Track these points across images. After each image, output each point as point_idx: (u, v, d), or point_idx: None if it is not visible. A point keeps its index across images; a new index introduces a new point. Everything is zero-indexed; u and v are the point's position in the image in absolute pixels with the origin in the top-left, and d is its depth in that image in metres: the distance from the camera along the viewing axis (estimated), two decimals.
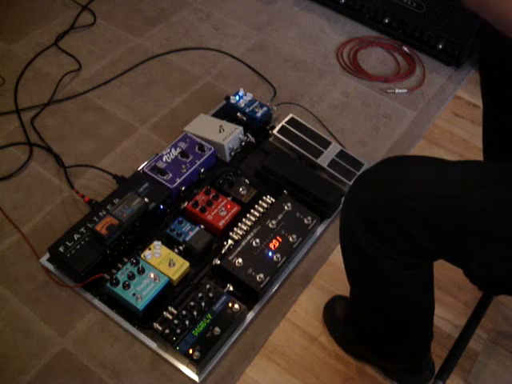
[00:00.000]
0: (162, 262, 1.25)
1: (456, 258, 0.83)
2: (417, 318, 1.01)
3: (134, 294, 1.18)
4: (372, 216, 0.84)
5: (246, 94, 1.62)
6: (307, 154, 1.51)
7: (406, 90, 1.84)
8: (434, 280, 0.97)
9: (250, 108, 1.59)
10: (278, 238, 1.31)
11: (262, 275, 1.24)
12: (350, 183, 1.43)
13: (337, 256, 1.40)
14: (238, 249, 1.28)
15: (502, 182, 0.78)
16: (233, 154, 1.52)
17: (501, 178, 0.79)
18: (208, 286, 1.21)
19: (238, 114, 1.58)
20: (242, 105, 1.59)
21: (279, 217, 1.35)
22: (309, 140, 1.54)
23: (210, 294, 1.20)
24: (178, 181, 1.39)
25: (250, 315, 1.25)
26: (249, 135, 1.55)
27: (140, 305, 1.17)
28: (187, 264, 1.26)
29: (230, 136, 1.49)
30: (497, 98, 1.12)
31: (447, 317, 1.31)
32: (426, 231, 0.79)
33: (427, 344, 1.09)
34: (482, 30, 1.08)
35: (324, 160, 1.51)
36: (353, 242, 0.89)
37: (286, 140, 1.53)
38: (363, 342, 1.16)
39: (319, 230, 1.41)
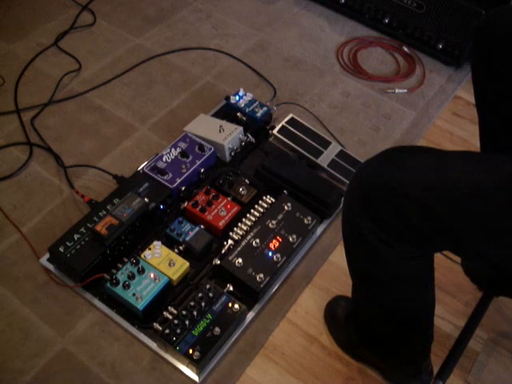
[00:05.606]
0: (162, 262, 1.25)
1: (455, 247, 0.84)
2: (417, 316, 1.01)
3: (134, 294, 1.18)
4: (372, 203, 0.84)
5: (245, 94, 1.62)
6: (307, 154, 1.51)
7: (405, 90, 1.84)
8: (434, 280, 0.97)
9: (250, 108, 1.59)
10: (278, 238, 1.31)
11: (262, 275, 1.24)
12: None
13: (337, 256, 1.40)
14: (238, 249, 1.28)
15: (500, 168, 0.78)
16: (233, 153, 1.52)
17: (500, 164, 0.79)
18: (208, 286, 1.21)
19: (238, 114, 1.58)
20: (242, 105, 1.59)
21: (279, 217, 1.35)
22: (309, 140, 1.54)
23: (210, 294, 1.20)
24: (178, 181, 1.39)
25: (250, 315, 1.25)
26: (249, 135, 1.55)
27: (140, 305, 1.17)
28: (187, 264, 1.26)
29: (230, 136, 1.49)
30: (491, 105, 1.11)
31: (447, 317, 1.31)
32: (425, 219, 0.80)
33: (427, 346, 1.09)
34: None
35: (324, 160, 1.51)
36: (353, 229, 0.90)
37: (286, 140, 1.53)
38: (364, 343, 1.16)
39: (319, 230, 1.41)
